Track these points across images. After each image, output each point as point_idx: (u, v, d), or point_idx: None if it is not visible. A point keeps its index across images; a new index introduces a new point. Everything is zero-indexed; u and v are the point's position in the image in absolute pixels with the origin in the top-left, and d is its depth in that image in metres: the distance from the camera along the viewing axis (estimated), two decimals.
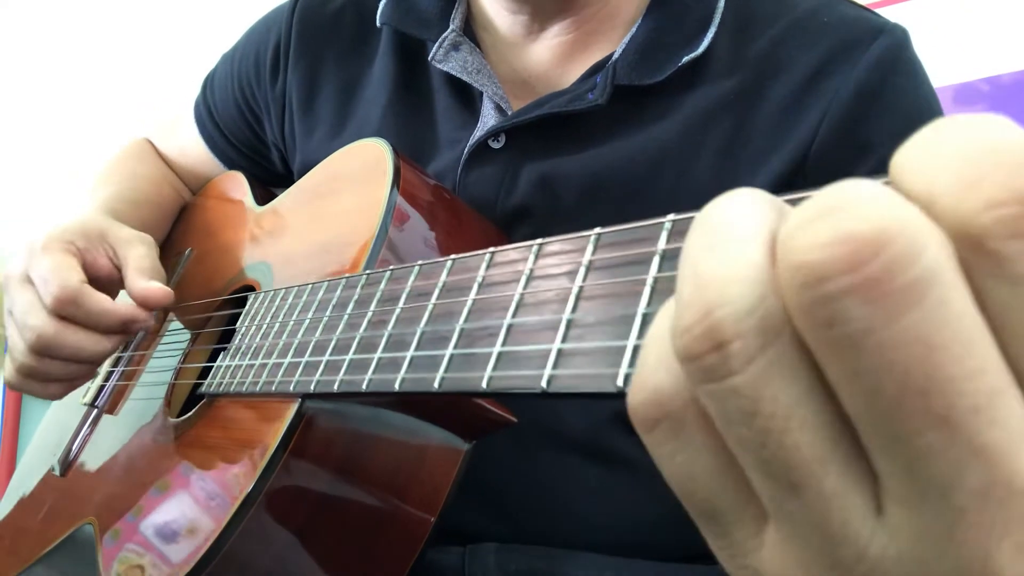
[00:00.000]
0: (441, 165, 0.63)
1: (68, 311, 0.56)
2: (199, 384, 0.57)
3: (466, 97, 0.64)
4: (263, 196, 0.73)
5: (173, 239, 0.83)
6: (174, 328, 0.70)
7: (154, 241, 0.64)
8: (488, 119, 0.62)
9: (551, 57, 0.63)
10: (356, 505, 0.47)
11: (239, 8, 1.12)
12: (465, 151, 0.61)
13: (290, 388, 0.43)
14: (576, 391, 0.25)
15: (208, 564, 0.44)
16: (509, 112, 0.62)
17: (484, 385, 0.29)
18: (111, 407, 0.69)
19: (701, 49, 0.56)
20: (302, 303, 0.48)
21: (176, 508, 0.50)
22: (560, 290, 0.28)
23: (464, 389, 0.30)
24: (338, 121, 0.70)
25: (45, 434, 0.80)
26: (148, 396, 0.64)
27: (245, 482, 0.44)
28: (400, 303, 0.38)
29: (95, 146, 1.43)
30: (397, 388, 0.34)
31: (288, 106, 0.74)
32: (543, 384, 0.26)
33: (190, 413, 0.56)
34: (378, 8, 0.66)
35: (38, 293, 0.58)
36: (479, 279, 0.33)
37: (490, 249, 0.34)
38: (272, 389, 0.45)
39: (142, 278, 0.59)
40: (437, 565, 0.56)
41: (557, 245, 0.30)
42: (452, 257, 0.36)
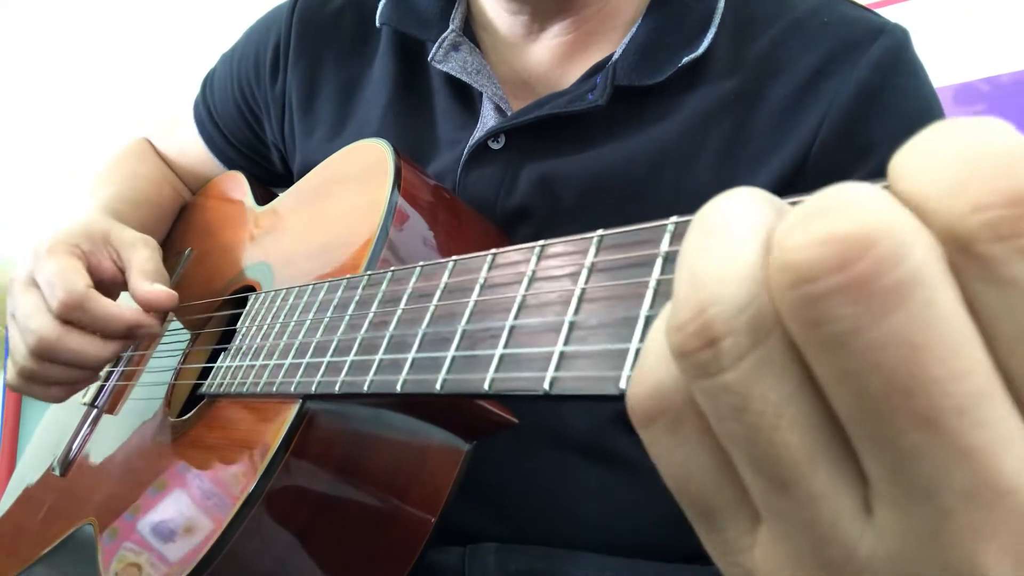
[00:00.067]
0: (441, 165, 0.63)
1: (74, 316, 0.56)
2: (199, 384, 0.57)
3: (466, 97, 0.64)
4: (263, 196, 0.73)
5: (173, 239, 0.83)
6: (174, 328, 0.70)
7: (157, 243, 0.64)
8: (488, 120, 0.62)
9: (551, 57, 0.63)
10: (357, 505, 0.47)
11: (239, 8, 1.12)
12: (465, 152, 0.61)
13: (291, 389, 0.43)
14: (578, 393, 0.25)
15: (209, 564, 0.44)
16: (509, 113, 0.62)
17: (486, 387, 0.29)
18: (111, 407, 0.68)
19: (701, 50, 0.56)
20: (303, 304, 0.48)
21: (177, 508, 0.50)
22: (562, 292, 0.28)
23: (466, 391, 0.30)
24: (338, 121, 0.70)
25: (45, 434, 0.80)
26: (148, 396, 0.64)
27: (246, 482, 0.44)
28: (402, 304, 0.38)
29: (95, 146, 1.43)
30: (399, 390, 0.34)
31: (288, 106, 0.74)
32: (545, 386, 0.26)
33: (190, 413, 0.56)
34: (378, 8, 0.66)
35: (43, 297, 0.57)
36: (481, 280, 0.33)
37: (492, 250, 0.34)
38: (273, 390, 0.45)
39: (146, 281, 0.59)
40: (437, 565, 0.56)
41: (559, 247, 0.30)
42: (454, 258, 0.36)
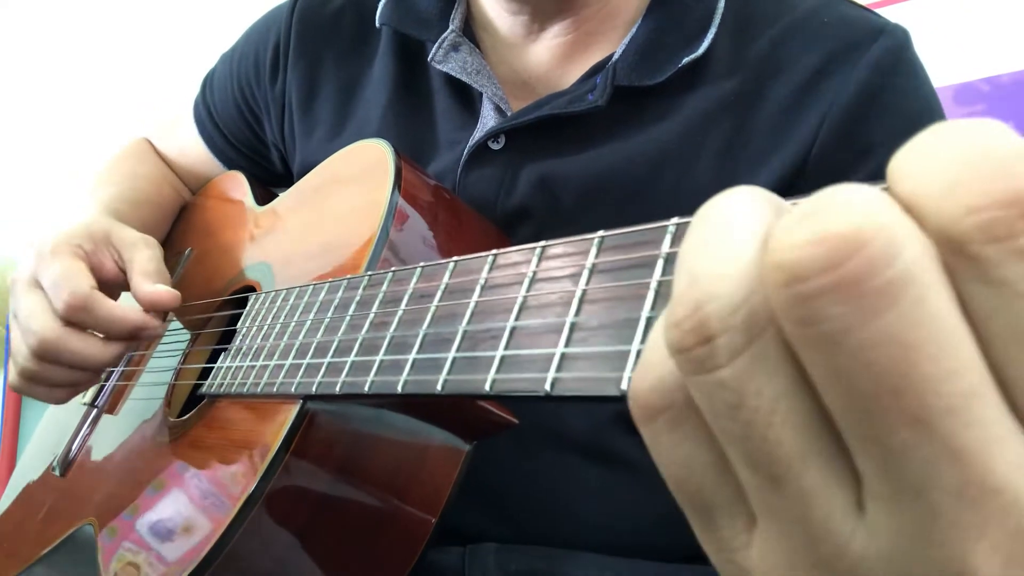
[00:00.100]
0: (441, 166, 0.63)
1: (79, 317, 0.56)
2: (199, 384, 0.57)
3: (466, 98, 0.64)
4: (263, 196, 0.73)
5: (173, 239, 0.83)
6: (174, 328, 0.70)
7: (158, 243, 0.64)
8: (488, 120, 0.62)
9: (551, 58, 0.63)
10: (357, 506, 0.47)
11: (239, 8, 1.12)
12: (465, 152, 0.61)
13: (291, 390, 0.43)
14: (579, 395, 0.25)
15: (210, 565, 0.44)
16: (509, 113, 0.62)
17: (487, 388, 0.29)
18: (111, 407, 0.68)
19: (701, 50, 0.56)
20: (303, 304, 0.48)
21: (177, 508, 0.50)
22: (563, 293, 0.28)
23: (467, 392, 0.30)
24: (338, 122, 0.70)
25: (45, 434, 0.79)
26: (148, 396, 0.64)
27: (246, 483, 0.44)
28: (402, 305, 0.38)
29: (95, 146, 1.43)
30: (400, 391, 0.34)
31: (288, 106, 0.74)
32: (546, 387, 0.26)
33: (190, 413, 0.56)
34: (377, 8, 0.66)
35: (47, 298, 0.57)
36: (482, 281, 0.33)
37: (493, 251, 0.34)
38: (273, 391, 0.45)
39: (147, 281, 0.59)
40: (437, 565, 0.55)
41: (560, 248, 0.30)
42: (455, 259, 0.36)
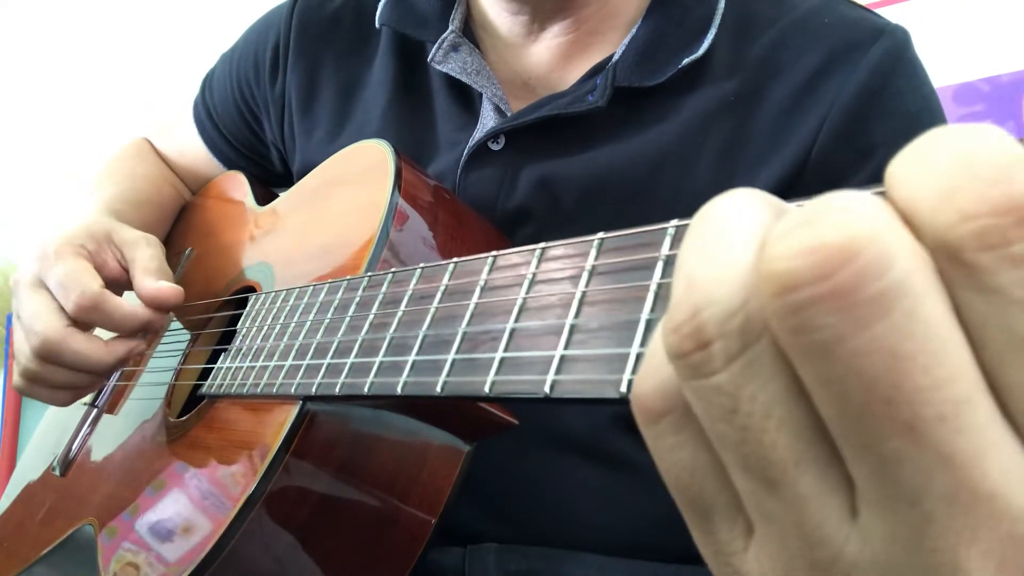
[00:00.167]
0: (441, 166, 0.63)
1: (90, 317, 0.56)
2: (199, 385, 0.57)
3: (466, 98, 0.64)
4: (263, 196, 0.73)
5: (173, 239, 0.83)
6: (174, 328, 0.70)
7: (159, 241, 0.64)
8: (487, 120, 0.62)
9: (551, 58, 0.63)
10: (357, 506, 0.47)
11: (239, 8, 1.12)
12: (465, 152, 0.61)
13: (291, 391, 0.43)
14: (579, 397, 0.25)
15: (210, 565, 0.44)
16: (509, 113, 0.62)
17: (487, 390, 0.29)
18: (111, 407, 0.68)
19: (701, 51, 0.56)
20: (303, 305, 0.48)
21: (177, 508, 0.50)
22: (563, 295, 0.28)
23: (467, 394, 0.30)
24: (337, 122, 0.70)
25: (45, 434, 0.80)
26: (148, 396, 0.64)
27: (247, 483, 0.44)
28: (402, 306, 0.38)
29: (95, 146, 1.43)
30: (399, 392, 0.34)
31: (287, 107, 0.74)
32: (546, 389, 0.26)
33: (190, 414, 0.56)
34: (377, 9, 0.66)
35: (53, 298, 0.57)
36: (482, 282, 0.33)
37: (493, 253, 0.34)
38: (273, 391, 0.45)
39: (150, 278, 0.59)
40: (437, 565, 0.56)
41: (560, 249, 0.30)
42: (454, 260, 0.36)
